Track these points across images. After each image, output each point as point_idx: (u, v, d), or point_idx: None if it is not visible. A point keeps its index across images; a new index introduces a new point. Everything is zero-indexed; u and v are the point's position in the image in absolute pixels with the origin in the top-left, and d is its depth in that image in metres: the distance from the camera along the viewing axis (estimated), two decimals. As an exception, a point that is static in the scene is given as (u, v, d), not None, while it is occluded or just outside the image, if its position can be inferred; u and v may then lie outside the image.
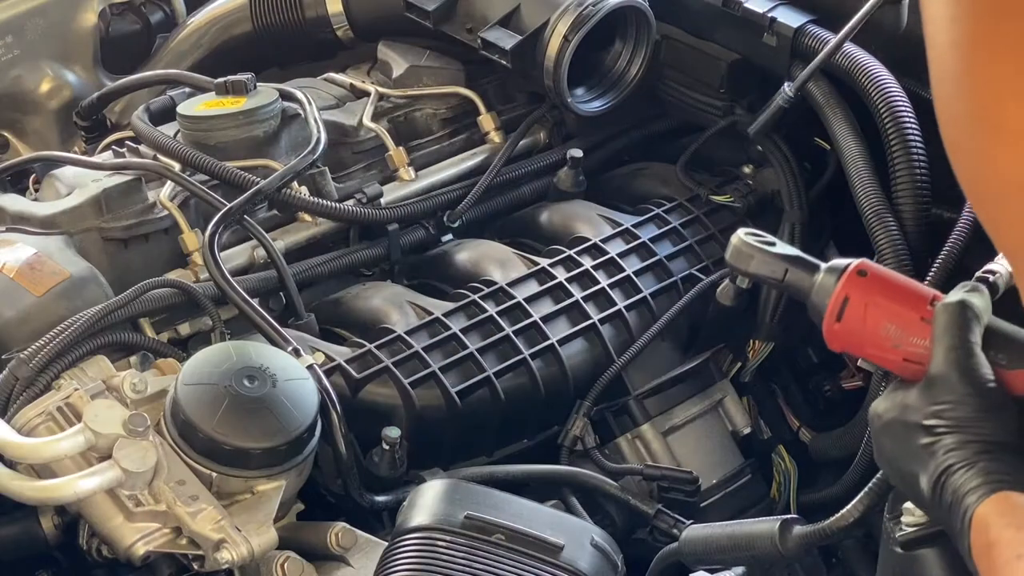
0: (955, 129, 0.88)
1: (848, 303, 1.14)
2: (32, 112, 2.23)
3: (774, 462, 1.84)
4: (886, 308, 1.13)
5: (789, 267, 1.19)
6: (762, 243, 1.21)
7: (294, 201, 1.81)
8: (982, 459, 1.01)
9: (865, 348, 1.14)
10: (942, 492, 1.02)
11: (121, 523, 1.39)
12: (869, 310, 1.13)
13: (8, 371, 1.52)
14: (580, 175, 1.98)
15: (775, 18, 1.89)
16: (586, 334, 1.77)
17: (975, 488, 1.00)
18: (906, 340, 1.12)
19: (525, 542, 1.31)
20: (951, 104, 0.87)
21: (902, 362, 1.12)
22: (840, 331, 1.14)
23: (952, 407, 1.05)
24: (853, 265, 1.15)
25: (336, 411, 1.52)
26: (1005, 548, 0.94)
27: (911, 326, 1.12)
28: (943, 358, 1.07)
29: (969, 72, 0.84)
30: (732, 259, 1.22)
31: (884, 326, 1.13)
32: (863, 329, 1.13)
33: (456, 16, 2.00)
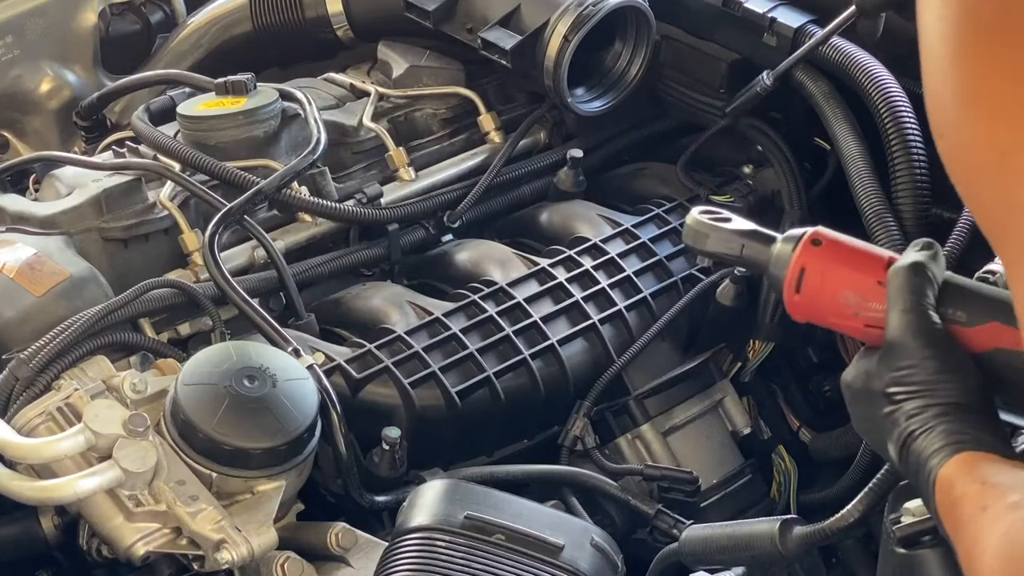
0: (940, 109, 0.86)
1: (805, 273, 1.13)
2: (32, 112, 2.23)
3: (774, 462, 1.84)
4: (843, 275, 1.12)
5: (745, 241, 1.18)
6: (717, 219, 1.20)
7: (294, 201, 1.81)
8: (942, 422, 1.01)
9: (827, 317, 1.13)
10: (907, 457, 1.02)
11: (121, 523, 1.39)
12: (826, 279, 1.12)
13: (8, 371, 1.52)
14: (580, 175, 1.98)
15: (775, 18, 1.89)
16: (586, 334, 1.77)
17: (937, 451, 0.99)
18: (865, 306, 1.11)
19: (525, 542, 1.31)
20: (938, 84, 0.86)
21: (864, 328, 1.11)
22: (800, 302, 1.13)
23: (910, 372, 1.04)
24: (807, 234, 1.14)
25: (336, 411, 1.52)
26: (968, 503, 0.94)
27: (869, 291, 1.11)
28: (897, 323, 1.06)
29: (955, 47, 0.83)
30: (688, 239, 1.21)
31: (843, 294, 1.12)
32: (822, 298, 1.12)
33: (456, 16, 2.00)
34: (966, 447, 0.98)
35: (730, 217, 1.20)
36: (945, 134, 0.87)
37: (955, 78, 0.84)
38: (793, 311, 1.15)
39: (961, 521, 0.95)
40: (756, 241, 1.17)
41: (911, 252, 1.09)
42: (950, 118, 0.86)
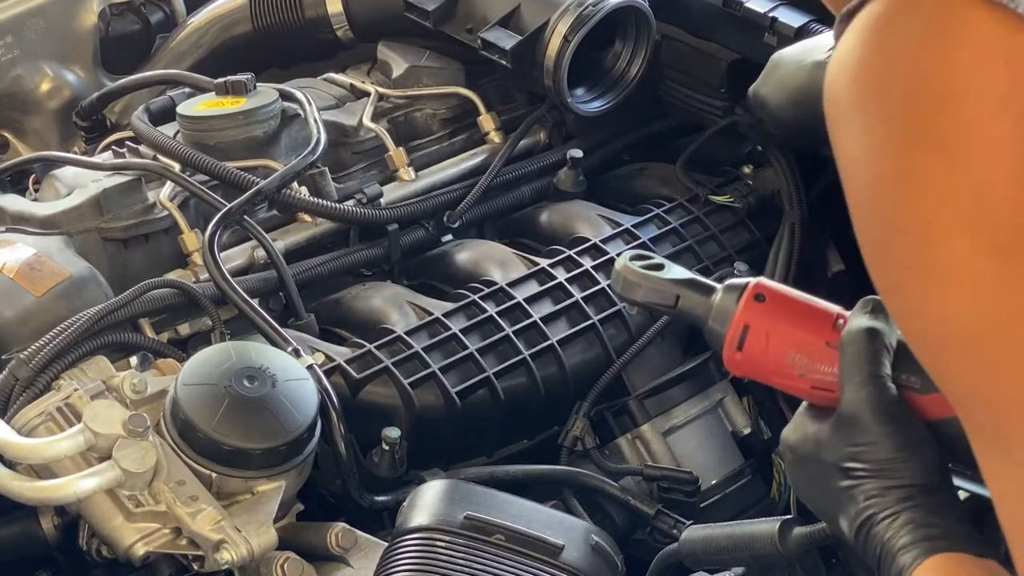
0: (884, 273, 0.83)
1: (749, 331, 1.08)
2: (32, 112, 2.22)
3: (774, 462, 1.84)
4: (789, 335, 1.07)
5: (681, 291, 1.12)
6: (649, 267, 1.14)
7: (294, 201, 1.81)
8: (907, 508, 0.98)
9: (770, 377, 1.09)
10: (867, 540, 1.00)
11: (121, 523, 1.39)
12: (771, 338, 1.07)
13: (8, 371, 1.52)
14: (580, 175, 1.98)
15: (776, 18, 1.89)
16: (586, 334, 1.77)
17: (907, 547, 0.97)
18: (812, 368, 1.07)
19: (525, 542, 1.31)
20: (877, 247, 0.83)
21: (811, 390, 1.07)
22: (742, 361, 1.09)
23: (869, 449, 1.01)
24: (749, 288, 1.09)
25: (336, 411, 1.52)
26: None
27: (816, 353, 1.06)
28: (853, 395, 1.02)
29: (890, 211, 0.80)
30: (619, 288, 1.15)
31: (788, 354, 1.07)
32: (766, 359, 1.08)
33: (456, 16, 2.00)
34: (939, 545, 0.96)
35: (663, 264, 1.14)
36: (896, 306, 0.84)
37: (895, 236, 0.80)
38: (733, 368, 1.10)
39: None
40: (693, 291, 1.12)
41: (861, 314, 1.05)
42: (898, 288, 0.82)
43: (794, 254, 1.87)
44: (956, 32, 0.77)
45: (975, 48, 0.76)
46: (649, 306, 1.14)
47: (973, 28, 0.76)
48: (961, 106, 0.76)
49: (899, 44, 0.79)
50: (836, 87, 0.82)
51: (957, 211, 0.76)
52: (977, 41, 0.76)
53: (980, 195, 0.76)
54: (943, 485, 1.00)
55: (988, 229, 0.76)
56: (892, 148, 0.79)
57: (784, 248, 1.88)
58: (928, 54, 0.77)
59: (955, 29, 0.77)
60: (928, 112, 0.77)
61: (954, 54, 0.76)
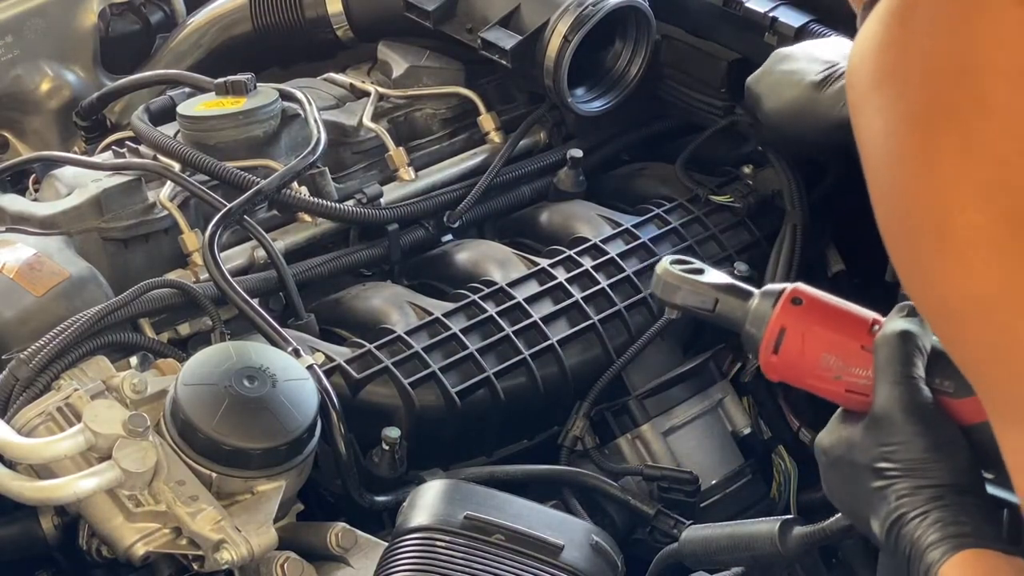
0: (901, 247, 0.84)
1: (785, 334, 1.08)
2: (32, 112, 2.22)
3: (774, 462, 1.84)
4: (825, 338, 1.08)
5: (720, 296, 1.13)
6: (689, 271, 1.15)
7: (294, 201, 1.81)
8: (936, 507, 0.99)
9: (805, 379, 1.10)
10: (897, 540, 1.00)
11: (121, 523, 1.39)
12: (807, 341, 1.08)
13: (8, 371, 1.52)
14: (580, 175, 1.98)
15: (776, 18, 1.89)
16: (586, 334, 1.77)
17: (935, 544, 0.97)
18: (847, 371, 1.07)
19: (525, 542, 1.31)
20: (894, 221, 0.84)
21: (845, 393, 1.08)
22: (778, 363, 1.09)
23: (900, 449, 1.01)
24: (787, 292, 1.10)
25: (336, 411, 1.52)
26: None
27: (852, 356, 1.07)
28: (887, 396, 1.03)
29: (909, 186, 0.81)
30: (657, 290, 1.16)
31: (823, 357, 1.08)
32: (802, 361, 1.08)
33: (456, 16, 2.00)
34: (967, 542, 0.96)
35: (703, 268, 1.16)
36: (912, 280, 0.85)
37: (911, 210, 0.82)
38: (769, 371, 1.11)
39: None
40: (732, 295, 1.13)
41: (897, 318, 1.06)
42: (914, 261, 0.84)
43: (795, 254, 1.87)
44: (978, 12, 0.79)
45: (996, 25, 0.78)
46: (688, 309, 1.15)
47: (996, 7, 0.78)
48: (980, 81, 0.78)
49: (921, 25, 0.80)
50: (857, 71, 0.84)
51: (975, 184, 0.78)
52: (999, 19, 0.78)
53: (998, 168, 0.78)
54: (974, 487, 1.01)
55: (1005, 201, 0.78)
56: (911, 123, 0.80)
57: (785, 248, 1.88)
58: (949, 33, 0.79)
59: (977, 9, 0.79)
60: (947, 87, 0.79)
61: (975, 32, 0.78)
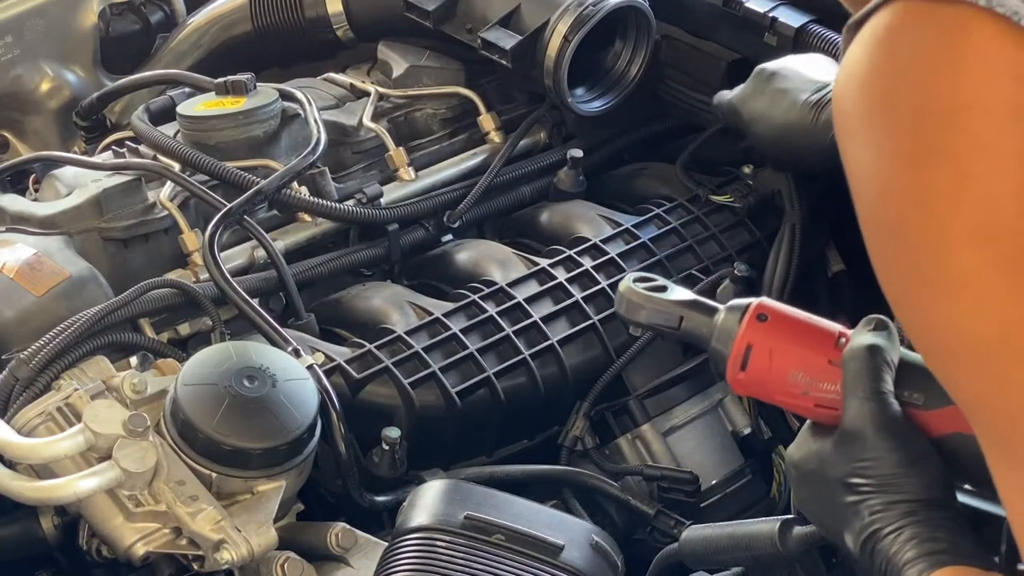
0: (894, 284, 0.83)
1: (752, 351, 1.09)
2: (32, 112, 2.22)
3: (774, 462, 1.84)
4: (792, 354, 1.08)
5: (684, 313, 1.13)
6: (652, 289, 1.15)
7: (294, 201, 1.81)
8: (911, 522, 0.99)
9: (773, 395, 1.10)
10: (872, 555, 1.00)
11: (121, 523, 1.39)
12: (774, 357, 1.08)
13: (8, 371, 1.52)
14: (580, 175, 1.98)
15: (776, 18, 1.89)
16: (586, 334, 1.77)
17: (912, 561, 0.97)
18: (815, 386, 1.07)
19: (525, 542, 1.31)
20: (886, 258, 0.83)
21: (814, 408, 1.08)
22: (745, 380, 1.10)
23: (872, 464, 1.01)
24: (752, 308, 1.10)
25: (336, 411, 1.52)
26: None
27: (819, 371, 1.07)
28: (856, 411, 1.03)
29: (900, 225, 0.80)
30: (622, 310, 1.16)
31: (791, 373, 1.08)
32: (770, 377, 1.08)
33: (456, 16, 2.00)
34: (944, 559, 0.96)
35: (667, 286, 1.16)
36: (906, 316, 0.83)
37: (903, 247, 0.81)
38: (737, 388, 1.11)
39: None
40: (697, 312, 1.13)
41: (864, 331, 1.06)
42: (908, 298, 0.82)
43: (794, 255, 1.87)
44: (963, 46, 0.77)
45: (983, 62, 0.76)
46: (653, 328, 1.15)
47: (980, 42, 0.76)
48: (970, 120, 0.76)
49: (907, 58, 0.79)
50: (844, 98, 0.82)
51: (966, 223, 0.77)
52: (985, 55, 0.76)
53: (989, 208, 0.76)
54: (947, 500, 1.00)
55: (997, 241, 0.76)
56: (900, 161, 0.79)
57: (784, 248, 1.88)
58: (936, 68, 0.77)
59: (962, 43, 0.77)
60: (936, 126, 0.77)
61: (962, 68, 0.77)
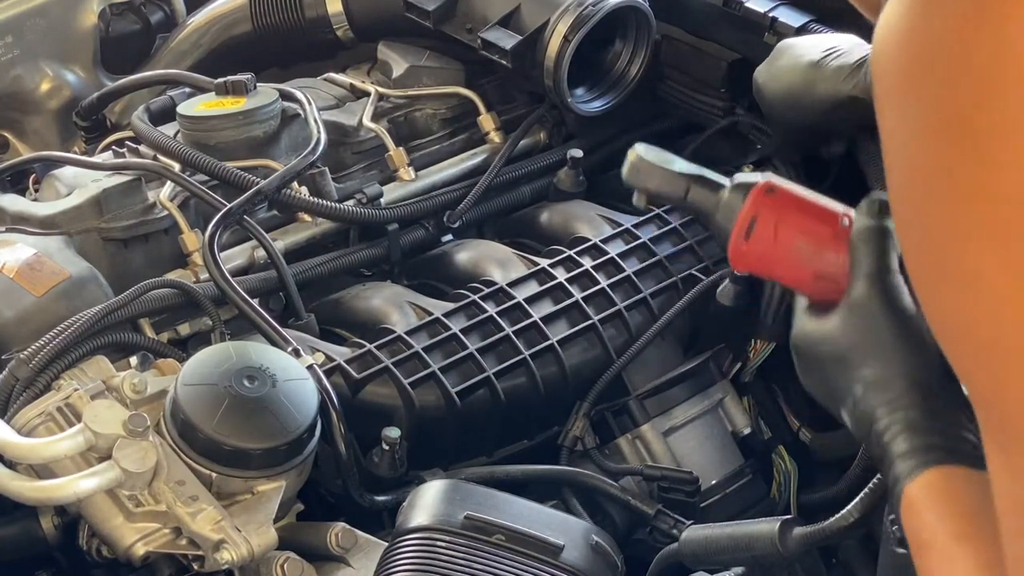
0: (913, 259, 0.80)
1: (756, 221, 1.08)
2: (32, 112, 2.22)
3: (774, 462, 1.84)
4: (797, 224, 1.08)
5: (691, 185, 1.13)
6: (662, 160, 1.15)
7: (294, 201, 1.81)
8: (907, 404, 0.97)
9: (774, 268, 1.09)
10: (868, 436, 0.99)
11: (121, 523, 1.39)
12: (779, 228, 1.08)
13: (8, 371, 1.52)
14: (580, 175, 1.98)
15: (776, 18, 1.89)
16: (586, 334, 1.77)
17: (904, 455, 0.96)
18: (818, 256, 1.07)
19: (525, 542, 1.31)
20: (908, 231, 0.80)
21: (814, 280, 1.07)
22: (748, 251, 1.09)
23: (872, 339, 1.00)
24: (761, 182, 1.10)
25: (336, 411, 1.52)
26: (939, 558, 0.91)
27: (824, 241, 1.07)
28: (864, 286, 1.01)
29: (923, 204, 0.76)
30: (629, 176, 1.15)
31: (795, 243, 1.07)
32: (773, 248, 1.08)
33: (456, 16, 2.00)
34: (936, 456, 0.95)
35: (674, 159, 1.16)
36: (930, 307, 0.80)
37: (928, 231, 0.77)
38: (737, 261, 1.10)
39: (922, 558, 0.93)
40: (703, 186, 1.13)
41: (869, 213, 1.05)
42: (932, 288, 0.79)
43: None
44: (1009, 13, 0.70)
45: None
46: (660, 196, 1.15)
47: None
48: (1005, 100, 0.70)
49: (947, 20, 0.73)
50: (881, 60, 0.77)
51: (983, 216, 0.73)
52: None
53: (1009, 202, 0.71)
54: (947, 383, 0.98)
55: (1012, 241, 0.72)
56: (930, 139, 0.74)
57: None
58: (976, 36, 0.71)
59: (1008, 9, 0.70)
60: (969, 103, 0.72)
61: (1004, 38, 0.70)
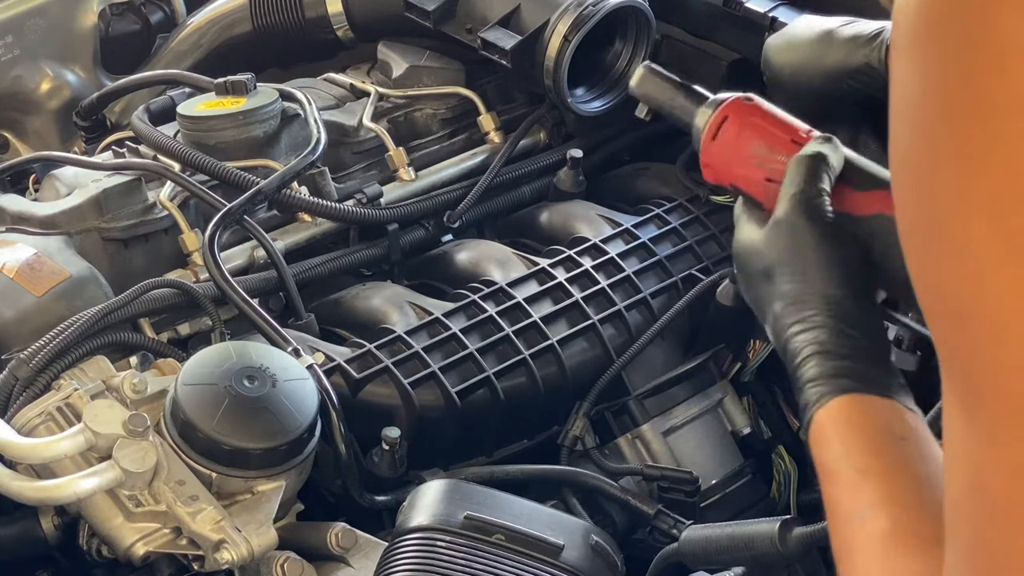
0: (907, 219, 0.79)
1: (726, 122, 1.17)
2: (32, 112, 2.22)
3: (774, 462, 1.84)
4: (760, 128, 1.16)
5: (680, 92, 1.25)
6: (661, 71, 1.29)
7: (294, 201, 1.81)
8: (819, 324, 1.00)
9: (733, 168, 1.16)
10: (785, 352, 1.02)
11: (121, 523, 1.39)
12: (744, 130, 1.16)
13: (8, 371, 1.52)
14: (580, 175, 1.98)
15: (776, 18, 1.89)
16: (586, 334, 1.77)
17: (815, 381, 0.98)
18: (771, 158, 1.14)
19: (525, 542, 1.31)
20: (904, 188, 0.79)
21: (764, 182, 1.14)
22: (713, 150, 1.17)
23: (792, 252, 1.04)
24: (741, 94, 1.19)
25: (336, 411, 1.52)
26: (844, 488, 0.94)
27: (780, 145, 1.14)
28: (788, 202, 1.06)
29: (924, 168, 0.75)
30: (634, 84, 1.30)
31: (754, 144, 1.15)
32: (735, 148, 1.16)
33: (456, 16, 2.00)
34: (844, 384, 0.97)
35: (676, 79, 1.27)
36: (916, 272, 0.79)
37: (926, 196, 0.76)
38: (706, 163, 1.18)
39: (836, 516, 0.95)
40: (689, 97, 1.24)
41: (816, 143, 1.10)
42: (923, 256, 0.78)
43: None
44: None
45: None
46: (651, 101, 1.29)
47: None
48: (1019, 67, 0.68)
49: None
50: (904, 10, 0.75)
51: (982, 183, 0.71)
52: None
53: (1011, 174, 0.70)
54: (862, 301, 1.01)
55: (1007, 212, 0.71)
56: (940, 100, 0.72)
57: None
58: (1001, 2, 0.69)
59: None
60: (982, 68, 0.69)
61: None
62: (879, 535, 0.90)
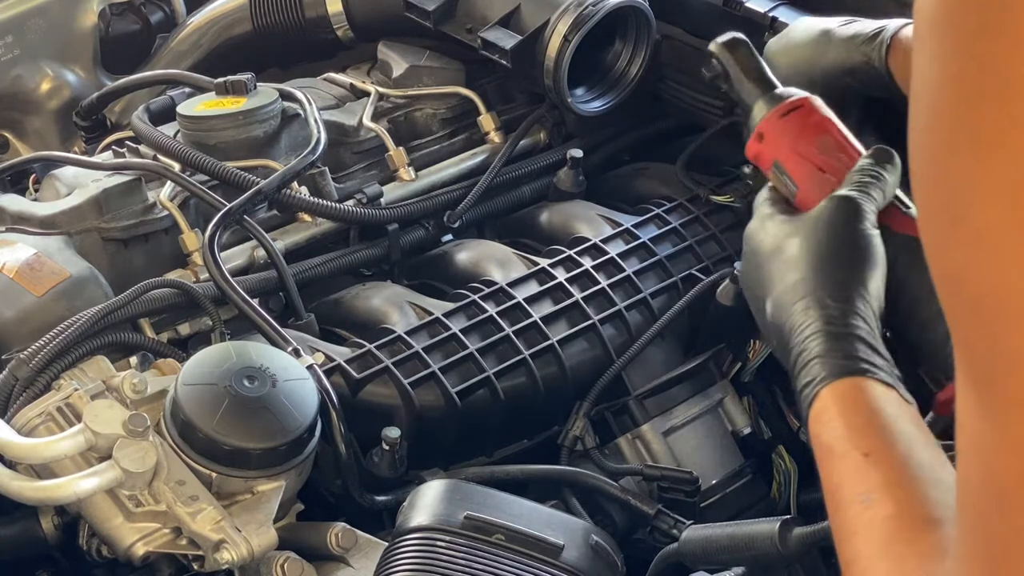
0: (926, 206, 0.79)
1: (802, 108, 1.23)
2: (32, 112, 2.23)
3: (774, 462, 1.84)
4: (832, 126, 1.21)
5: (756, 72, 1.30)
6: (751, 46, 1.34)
7: (294, 201, 1.81)
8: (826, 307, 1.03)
9: (793, 145, 1.22)
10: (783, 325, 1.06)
11: (121, 523, 1.39)
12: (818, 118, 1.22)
13: (8, 371, 1.52)
14: (580, 175, 1.98)
15: (776, 18, 1.89)
16: (586, 334, 1.77)
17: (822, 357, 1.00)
18: (834, 153, 1.19)
19: (525, 542, 1.31)
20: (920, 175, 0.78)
21: (815, 169, 1.19)
22: (779, 124, 1.23)
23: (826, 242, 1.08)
24: None
25: (336, 411, 1.52)
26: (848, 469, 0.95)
27: (844, 147, 1.20)
28: (838, 200, 1.11)
29: (942, 154, 0.75)
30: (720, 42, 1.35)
31: (823, 136, 1.21)
32: (802, 130, 1.21)
33: (456, 16, 2.00)
34: (845, 366, 0.99)
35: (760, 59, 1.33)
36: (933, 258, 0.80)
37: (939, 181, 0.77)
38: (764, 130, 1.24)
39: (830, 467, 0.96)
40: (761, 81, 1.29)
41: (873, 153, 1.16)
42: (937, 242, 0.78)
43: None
44: None
45: None
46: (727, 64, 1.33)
47: None
48: None
49: None
50: None
51: (1000, 171, 0.71)
52: None
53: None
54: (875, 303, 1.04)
55: None
56: (956, 88, 0.72)
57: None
58: None
59: None
60: (1000, 55, 0.69)
61: None
62: (883, 518, 0.91)
